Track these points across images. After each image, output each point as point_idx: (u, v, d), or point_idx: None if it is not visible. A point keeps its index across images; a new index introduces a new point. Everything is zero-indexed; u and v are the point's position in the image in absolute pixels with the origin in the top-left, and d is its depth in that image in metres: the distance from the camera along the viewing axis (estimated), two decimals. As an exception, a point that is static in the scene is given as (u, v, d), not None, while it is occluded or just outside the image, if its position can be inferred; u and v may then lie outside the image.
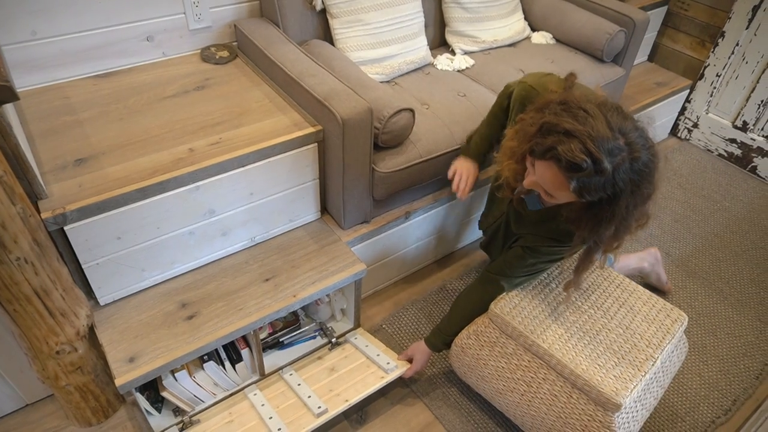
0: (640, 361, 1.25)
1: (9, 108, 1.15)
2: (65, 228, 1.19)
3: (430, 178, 1.68)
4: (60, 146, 1.35)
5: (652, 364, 1.25)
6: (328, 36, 1.81)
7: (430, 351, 1.50)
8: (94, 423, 1.44)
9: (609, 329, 1.31)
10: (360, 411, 1.52)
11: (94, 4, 1.53)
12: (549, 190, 1.10)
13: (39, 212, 1.16)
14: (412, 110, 1.52)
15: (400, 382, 1.59)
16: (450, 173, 1.55)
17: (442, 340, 1.48)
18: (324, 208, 1.66)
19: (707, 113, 2.58)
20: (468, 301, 1.44)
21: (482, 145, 1.55)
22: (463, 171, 1.53)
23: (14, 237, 1.02)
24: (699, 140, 2.66)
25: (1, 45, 1.44)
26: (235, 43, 1.85)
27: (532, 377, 1.32)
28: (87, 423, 1.42)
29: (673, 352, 1.37)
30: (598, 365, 1.24)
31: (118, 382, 1.20)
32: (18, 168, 1.11)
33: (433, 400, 1.55)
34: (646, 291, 1.42)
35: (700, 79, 2.54)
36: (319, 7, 1.74)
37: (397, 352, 1.57)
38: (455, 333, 1.45)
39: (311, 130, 1.46)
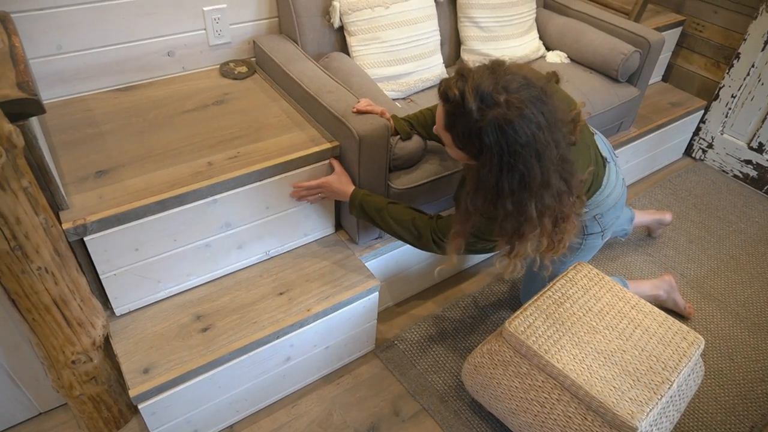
0: (656, 384, 1.23)
1: (34, 120, 1.17)
2: (85, 239, 1.21)
3: (446, 194, 1.68)
4: (81, 158, 1.37)
5: (669, 387, 1.23)
6: (345, 53, 1.83)
7: (347, 193, 1.43)
8: (106, 433, 1.44)
9: (624, 350, 1.30)
10: (371, 429, 1.51)
11: (119, 20, 1.57)
12: (437, 127, 1.20)
13: (60, 223, 1.18)
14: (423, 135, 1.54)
15: (407, 398, 1.58)
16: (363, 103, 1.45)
17: (362, 199, 1.40)
18: (338, 223, 1.67)
19: (722, 134, 2.57)
20: (405, 214, 1.37)
21: (418, 115, 1.53)
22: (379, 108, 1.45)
23: (36, 247, 1.04)
24: (714, 161, 2.64)
25: (29, 59, 1.48)
26: (253, 59, 1.88)
27: (545, 398, 1.30)
28: (99, 433, 1.43)
29: (689, 375, 1.35)
30: (614, 387, 1.22)
31: (132, 393, 1.21)
32: (41, 179, 1.13)
33: (445, 418, 1.54)
34: (662, 312, 1.40)
35: (715, 99, 2.53)
36: (337, 24, 1.77)
37: (409, 379, 1.55)
38: (372, 208, 1.39)
39: (328, 145, 1.47)
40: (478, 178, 1.11)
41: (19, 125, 1.01)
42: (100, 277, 1.28)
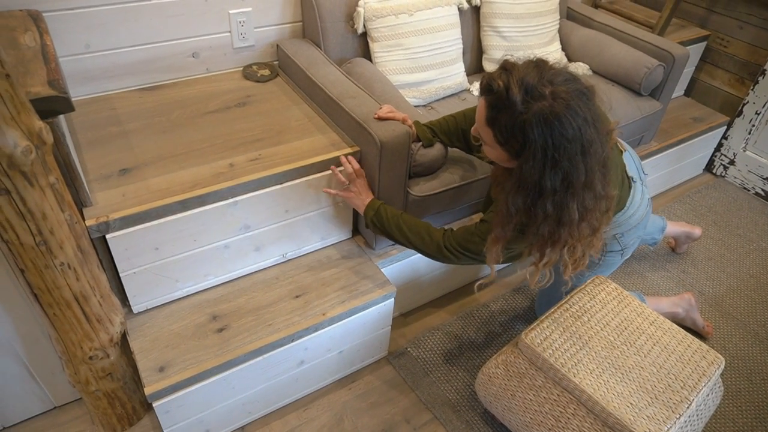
0: (674, 403, 1.22)
1: (61, 117, 1.19)
2: (107, 236, 1.22)
3: (465, 203, 1.68)
4: (106, 156, 1.39)
5: (687, 407, 1.21)
6: (367, 58, 1.84)
7: (364, 207, 1.42)
8: (119, 430, 1.45)
9: (642, 367, 1.28)
10: (382, 435, 1.51)
11: (146, 21, 1.59)
12: (477, 125, 1.14)
13: (84, 219, 1.19)
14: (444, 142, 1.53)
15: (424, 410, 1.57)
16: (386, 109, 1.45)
17: (380, 205, 1.40)
18: (355, 229, 1.67)
19: (744, 151, 2.54)
20: (419, 222, 1.37)
21: (441, 122, 1.50)
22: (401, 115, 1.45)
23: (60, 243, 1.05)
24: (735, 177, 2.61)
25: (58, 57, 1.50)
26: (276, 62, 1.89)
27: (560, 412, 1.29)
28: (112, 429, 1.44)
29: (708, 395, 1.33)
30: (631, 404, 1.21)
31: (148, 390, 1.22)
32: (67, 176, 1.15)
33: (457, 428, 1.53)
34: (681, 330, 1.38)
35: (738, 116, 2.50)
36: (360, 30, 1.77)
37: (421, 387, 1.55)
38: (390, 214, 1.38)
39: (349, 150, 1.48)
40: (520, 175, 1.07)
41: (48, 122, 1.03)
42: (120, 274, 1.30)
